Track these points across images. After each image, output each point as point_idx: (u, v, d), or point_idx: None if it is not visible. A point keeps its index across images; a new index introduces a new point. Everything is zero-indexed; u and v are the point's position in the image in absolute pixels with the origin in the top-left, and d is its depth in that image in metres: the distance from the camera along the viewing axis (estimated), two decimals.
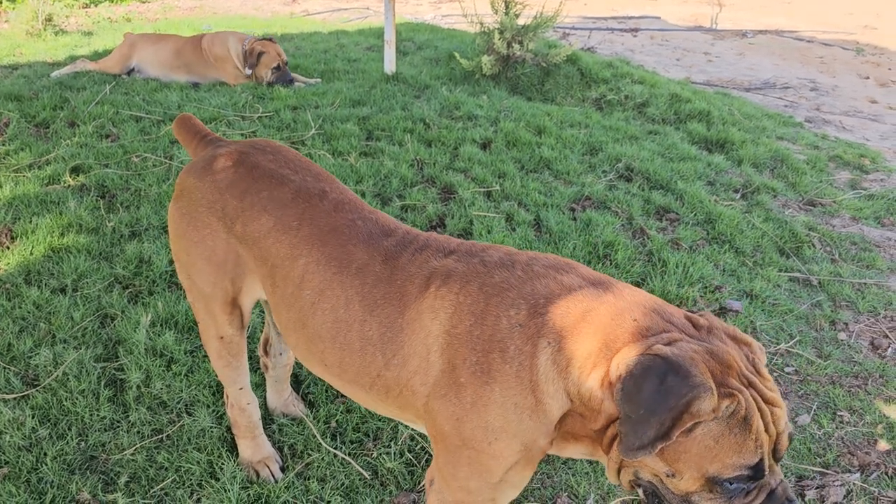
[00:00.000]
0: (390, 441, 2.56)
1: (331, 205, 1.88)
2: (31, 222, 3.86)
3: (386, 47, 6.91)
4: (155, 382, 2.75)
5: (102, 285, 3.36)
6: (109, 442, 2.50)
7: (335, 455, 2.48)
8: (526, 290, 1.55)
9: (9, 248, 3.66)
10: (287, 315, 1.86)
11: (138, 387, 2.74)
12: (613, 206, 4.44)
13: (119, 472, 2.39)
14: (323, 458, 2.47)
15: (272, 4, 13.09)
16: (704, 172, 5.10)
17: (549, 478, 2.47)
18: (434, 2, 14.26)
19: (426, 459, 2.50)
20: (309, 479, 2.38)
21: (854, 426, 2.80)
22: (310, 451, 2.51)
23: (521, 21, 6.90)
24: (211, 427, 2.56)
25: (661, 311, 1.47)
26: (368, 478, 2.41)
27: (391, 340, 1.66)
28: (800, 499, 2.43)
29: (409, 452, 2.52)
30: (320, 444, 2.52)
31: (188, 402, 2.69)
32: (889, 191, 5.08)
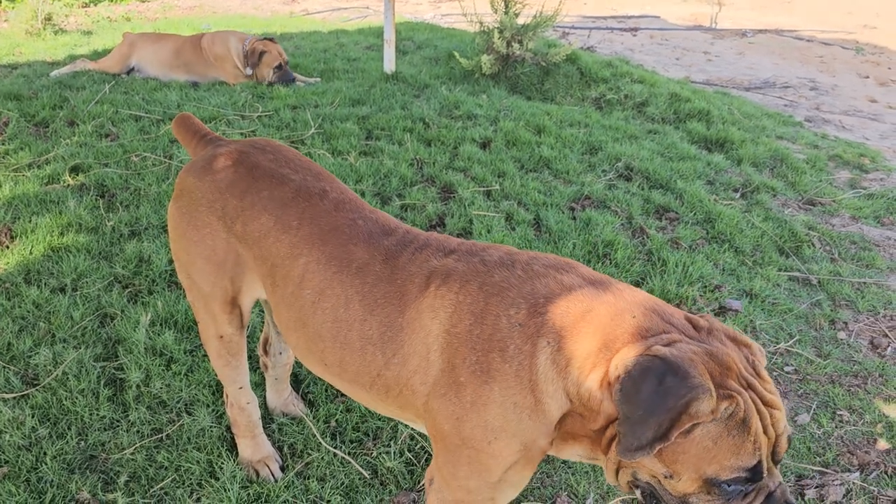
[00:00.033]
0: (390, 440, 2.56)
1: (331, 204, 1.88)
2: (30, 222, 3.86)
3: (385, 46, 6.91)
4: (154, 382, 2.75)
5: (102, 285, 3.36)
6: (109, 441, 2.50)
7: (335, 454, 2.48)
8: (526, 289, 1.55)
9: (8, 247, 3.66)
10: (287, 314, 1.86)
11: (138, 386, 2.74)
12: (613, 206, 4.44)
13: (119, 471, 2.39)
14: (323, 458, 2.47)
15: (272, 4, 13.08)
16: (704, 172, 5.10)
17: (548, 477, 2.47)
18: (433, 1, 14.25)
19: (426, 459, 2.50)
20: (309, 479, 2.38)
21: (853, 425, 2.81)
22: (309, 451, 2.51)
23: (521, 20, 6.89)
24: (211, 426, 2.56)
25: (661, 312, 1.46)
26: (368, 477, 2.41)
27: (391, 340, 1.66)
28: (799, 498, 2.43)
29: (409, 452, 2.52)
30: (320, 443, 2.52)
31: (188, 401, 2.69)
32: (888, 190, 5.08)
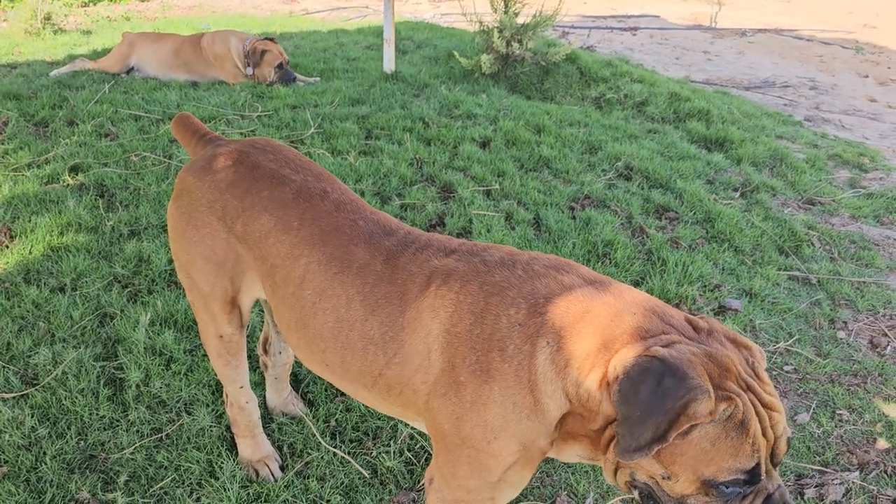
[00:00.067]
0: (390, 440, 2.56)
1: (332, 205, 1.88)
2: (30, 221, 3.86)
3: (385, 46, 6.91)
4: (154, 381, 2.75)
5: (102, 284, 3.35)
6: (109, 441, 2.50)
7: (335, 454, 2.48)
8: (526, 289, 1.55)
9: (8, 247, 3.66)
10: (288, 315, 1.86)
11: (137, 386, 2.74)
12: (613, 205, 4.44)
13: (118, 471, 2.39)
14: (322, 457, 2.47)
15: (271, 3, 13.08)
16: (704, 171, 5.11)
17: (548, 476, 2.47)
18: (433, 0, 14.25)
19: (426, 458, 2.50)
20: (308, 478, 2.38)
21: (853, 425, 2.81)
22: (309, 450, 2.51)
23: (521, 20, 6.89)
24: (210, 426, 2.57)
25: (661, 313, 1.46)
26: (368, 477, 2.41)
27: (392, 339, 1.66)
28: (799, 497, 2.43)
29: (409, 451, 2.52)
30: (320, 442, 2.53)
31: (187, 401, 2.69)
32: (888, 189, 5.08)
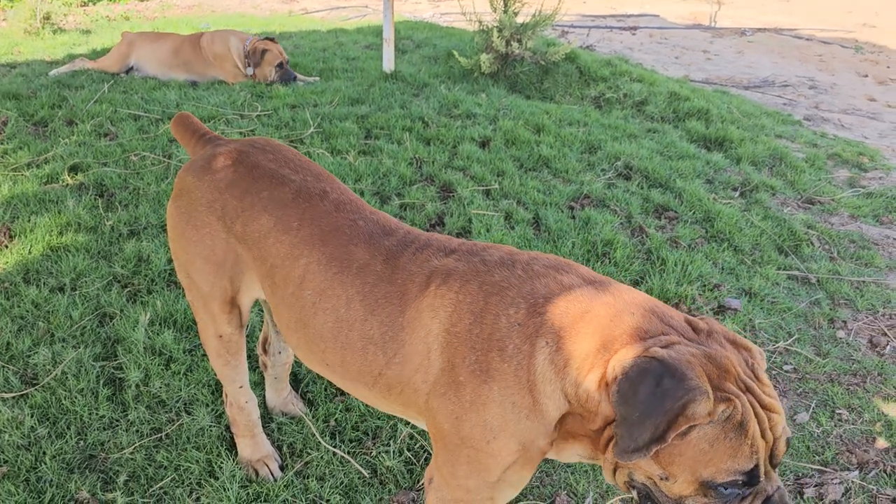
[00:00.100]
0: (389, 440, 2.56)
1: (332, 205, 1.88)
2: (29, 221, 3.86)
3: (385, 45, 6.90)
4: (154, 381, 2.75)
5: (101, 284, 3.35)
6: (108, 441, 2.50)
7: (334, 454, 2.49)
8: (525, 289, 1.55)
9: (7, 247, 3.66)
10: (288, 315, 1.86)
11: (137, 385, 2.74)
12: (612, 205, 4.44)
13: (118, 470, 2.39)
14: (322, 457, 2.47)
15: (270, 2, 13.07)
16: (703, 171, 5.11)
17: (548, 476, 2.47)
18: (432, 0, 14.24)
19: (425, 458, 2.50)
20: (308, 478, 2.39)
21: (853, 424, 2.81)
22: (309, 450, 2.51)
23: (520, 19, 6.89)
24: (210, 426, 2.57)
25: (660, 314, 1.46)
26: (367, 476, 2.41)
27: (392, 339, 1.66)
28: (798, 497, 2.43)
29: (409, 451, 2.52)
30: (319, 442, 2.53)
31: (187, 400, 2.69)
32: (887, 189, 5.08)
